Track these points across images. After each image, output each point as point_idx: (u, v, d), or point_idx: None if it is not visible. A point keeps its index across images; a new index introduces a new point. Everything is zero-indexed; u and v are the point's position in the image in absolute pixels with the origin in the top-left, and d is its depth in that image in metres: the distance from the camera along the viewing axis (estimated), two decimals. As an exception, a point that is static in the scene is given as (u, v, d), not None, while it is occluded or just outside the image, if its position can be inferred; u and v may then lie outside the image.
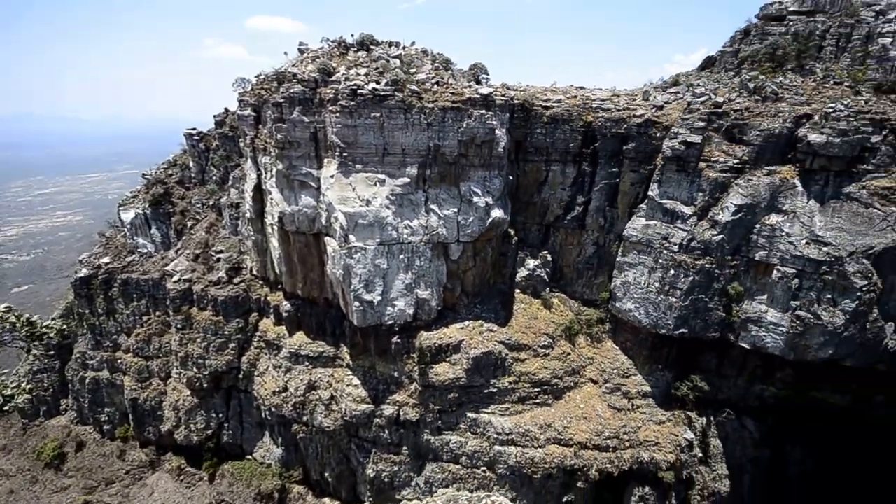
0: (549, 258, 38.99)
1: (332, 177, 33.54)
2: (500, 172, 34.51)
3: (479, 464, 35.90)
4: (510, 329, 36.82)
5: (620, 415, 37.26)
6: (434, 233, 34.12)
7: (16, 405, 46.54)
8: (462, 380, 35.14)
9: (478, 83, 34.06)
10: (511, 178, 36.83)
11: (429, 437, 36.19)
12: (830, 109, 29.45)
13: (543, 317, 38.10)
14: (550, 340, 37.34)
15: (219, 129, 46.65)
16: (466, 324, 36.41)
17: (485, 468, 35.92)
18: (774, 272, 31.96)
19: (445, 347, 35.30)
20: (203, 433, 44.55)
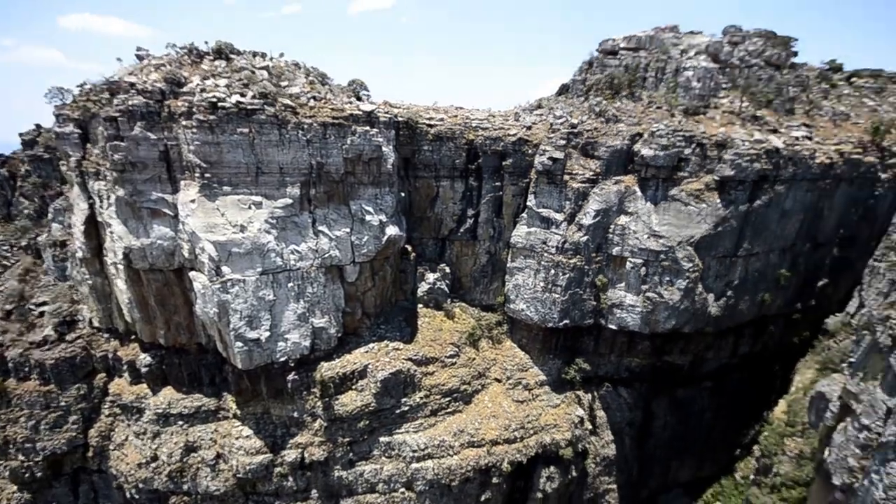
0: (448, 270, 38.20)
1: (194, 202, 27.43)
2: (392, 189, 32.37)
3: (397, 486, 33.11)
4: (416, 344, 34.86)
5: (524, 406, 38.20)
6: (326, 256, 30.30)
7: None
8: (371, 405, 31.95)
9: (358, 99, 31.41)
10: (403, 195, 35.00)
11: (340, 473, 32.07)
12: (655, 129, 34.26)
13: (447, 327, 37.07)
14: (456, 349, 36.46)
15: (29, 151, 35.06)
16: (371, 346, 33.29)
17: (403, 489, 33.27)
18: (628, 263, 36.05)
19: (350, 375, 31.68)
20: (41, 537, 32.79)
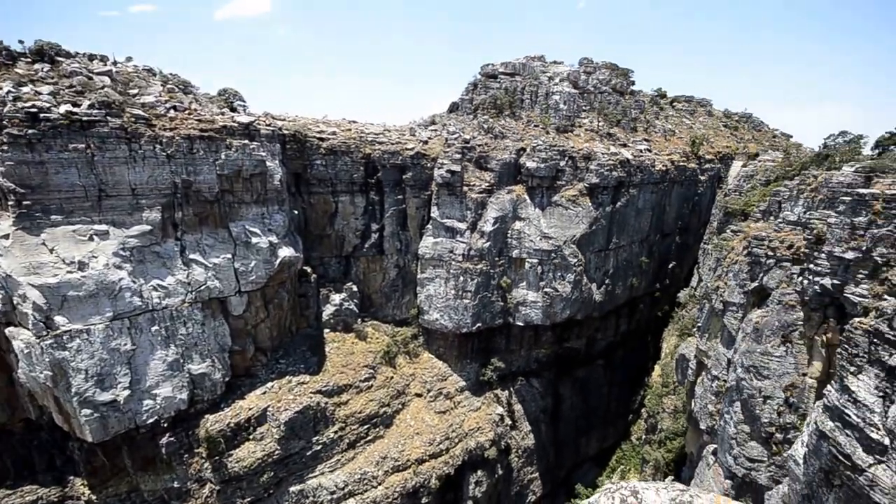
0: (356, 289, 34.81)
1: (8, 237, 20.03)
2: (282, 207, 28.16)
3: (317, 537, 27.97)
4: (326, 374, 30.52)
5: (447, 416, 36.23)
6: (203, 288, 24.65)
7: None
8: (276, 453, 26.61)
9: (233, 110, 26.86)
10: (296, 213, 30.87)
11: (243, 542, 25.82)
12: (535, 144, 36.39)
13: (360, 349, 33.46)
14: (371, 371, 32.99)
15: None
16: (270, 385, 27.99)
17: (324, 538, 28.24)
18: (526, 264, 37.23)
19: (245, 424, 25.99)
20: None
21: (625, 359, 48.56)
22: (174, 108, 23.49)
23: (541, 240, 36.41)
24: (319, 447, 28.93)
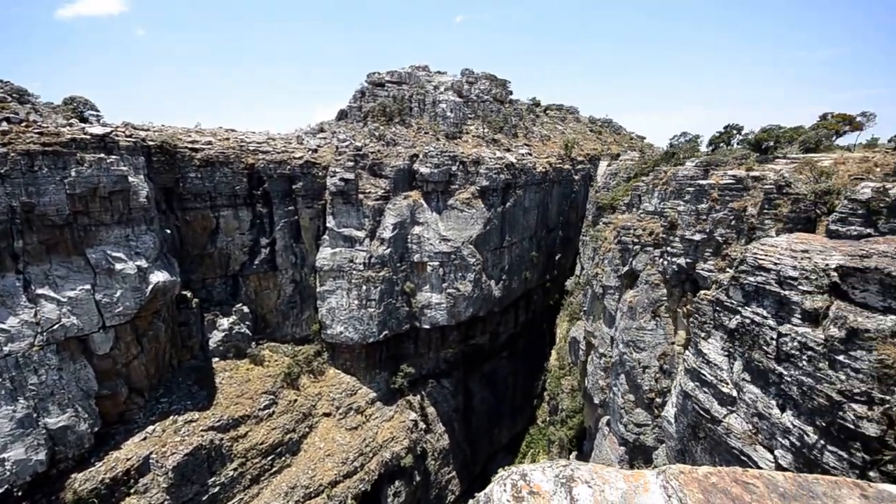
0: (247, 310, 36.32)
1: None
2: (151, 227, 28.70)
3: (223, 588, 29.12)
4: (218, 407, 31.66)
5: (359, 431, 40.15)
6: (56, 327, 24.18)
7: None
8: None
9: (83, 121, 26.62)
10: (169, 232, 31.36)
11: None
12: (427, 150, 43.20)
13: (257, 375, 35.17)
14: (271, 397, 35.04)
15: None
16: (152, 429, 28.21)
17: (231, 587, 29.53)
18: (428, 267, 43.71)
19: (124, 477, 26.03)
20: None
21: (525, 348, 59.28)
22: (6, 121, 22.77)
23: (440, 242, 43.31)
24: (217, 489, 30.12)
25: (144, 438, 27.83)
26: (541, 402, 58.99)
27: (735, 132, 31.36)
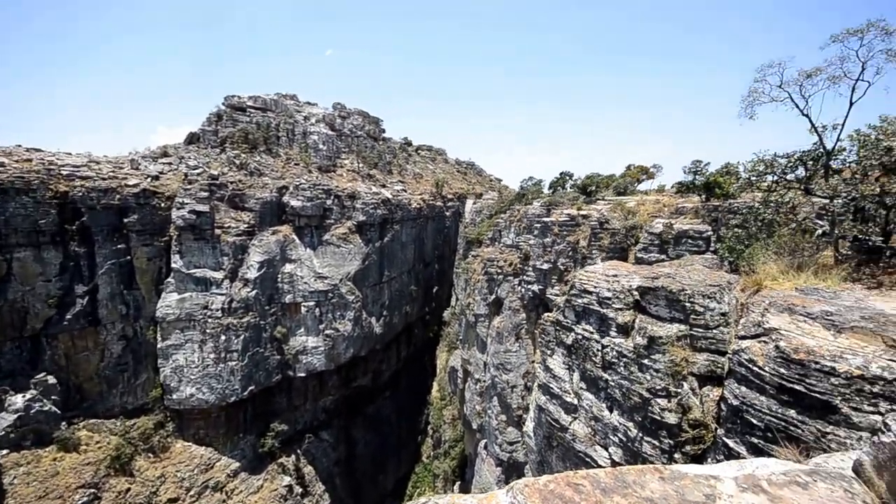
0: (53, 380, 28.37)
1: None
2: None
3: None
4: (0, 522, 23.48)
5: (218, 513, 34.30)
6: None
7: None
8: None
9: None
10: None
11: None
12: (298, 182, 41.92)
13: (68, 466, 27.36)
14: (92, 491, 27.62)
15: None
16: None
17: None
18: (302, 308, 41.39)
19: None
20: None
21: (409, 384, 59.91)
22: None
23: (316, 280, 41.68)
24: None
25: None
26: (425, 438, 59.64)
27: (568, 178, 39.69)
